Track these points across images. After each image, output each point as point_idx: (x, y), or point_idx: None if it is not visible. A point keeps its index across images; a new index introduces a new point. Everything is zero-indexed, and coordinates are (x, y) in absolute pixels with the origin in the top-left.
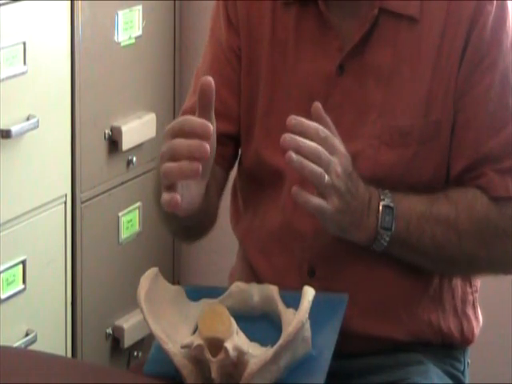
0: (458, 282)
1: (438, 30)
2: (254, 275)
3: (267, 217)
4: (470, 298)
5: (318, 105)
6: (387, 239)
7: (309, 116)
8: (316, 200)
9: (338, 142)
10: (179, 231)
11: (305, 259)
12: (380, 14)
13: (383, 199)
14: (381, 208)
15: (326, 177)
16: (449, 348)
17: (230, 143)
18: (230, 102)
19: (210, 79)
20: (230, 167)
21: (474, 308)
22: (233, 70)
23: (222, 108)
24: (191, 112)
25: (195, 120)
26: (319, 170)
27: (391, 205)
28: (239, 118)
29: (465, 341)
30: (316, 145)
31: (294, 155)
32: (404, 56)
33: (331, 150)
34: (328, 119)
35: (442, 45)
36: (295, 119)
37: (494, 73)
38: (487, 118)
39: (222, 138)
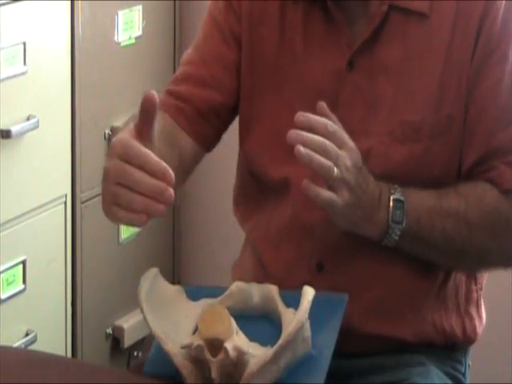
0: (462, 280)
1: (448, 26)
2: (261, 268)
3: (276, 211)
4: (474, 295)
5: (322, 104)
6: (398, 233)
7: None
8: (326, 193)
9: (346, 137)
10: None
11: (313, 253)
12: (389, 10)
13: (393, 193)
14: (391, 202)
15: (335, 170)
16: (451, 349)
17: (211, 118)
18: (220, 75)
19: (154, 94)
20: (208, 147)
21: (478, 306)
22: (230, 50)
23: (209, 78)
24: (176, 81)
25: (154, 161)
26: (328, 162)
27: (401, 198)
28: (228, 92)
29: (467, 340)
30: (323, 139)
31: (302, 149)
32: (414, 51)
33: (340, 144)
34: (334, 117)
35: (453, 40)
36: (303, 115)
37: (505, 66)
38: (497, 110)
39: (204, 110)
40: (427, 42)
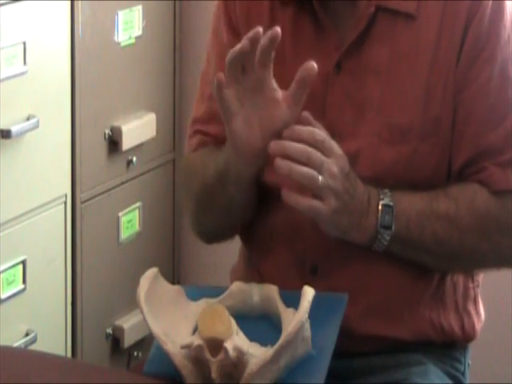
0: (459, 278)
1: (435, 26)
2: (256, 272)
3: (270, 214)
4: (472, 293)
5: (306, 114)
6: (387, 238)
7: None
8: (307, 201)
9: (334, 145)
10: (215, 214)
11: (307, 257)
12: (377, 11)
13: (382, 198)
14: (380, 207)
15: (320, 178)
16: (450, 348)
17: None
18: None
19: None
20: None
21: (476, 303)
22: None
23: None
24: (203, 120)
25: None
26: (310, 171)
27: (390, 203)
28: None
29: (466, 337)
30: (305, 146)
31: (279, 161)
32: (402, 53)
33: (328, 152)
34: (320, 125)
35: (440, 40)
36: (287, 128)
37: (493, 65)
38: (487, 111)
39: None
40: (414, 43)
